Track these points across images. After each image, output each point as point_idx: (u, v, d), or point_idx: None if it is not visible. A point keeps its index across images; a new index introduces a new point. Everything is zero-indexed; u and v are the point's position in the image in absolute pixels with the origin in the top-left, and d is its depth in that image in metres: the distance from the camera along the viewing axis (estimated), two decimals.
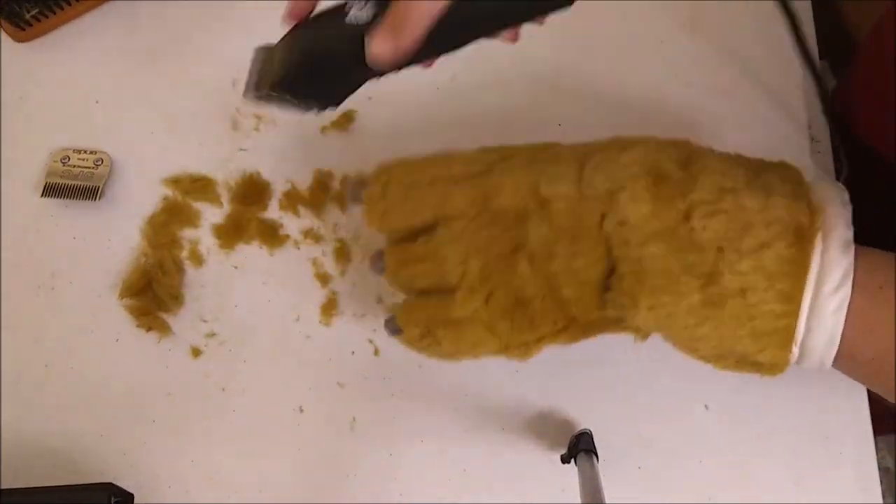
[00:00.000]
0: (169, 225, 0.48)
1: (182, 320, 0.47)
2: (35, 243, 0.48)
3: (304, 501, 0.44)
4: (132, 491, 0.43)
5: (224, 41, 0.52)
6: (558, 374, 0.46)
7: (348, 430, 0.45)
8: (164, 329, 0.47)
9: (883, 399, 0.37)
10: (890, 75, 0.43)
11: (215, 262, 0.48)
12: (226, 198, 0.49)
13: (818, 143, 0.50)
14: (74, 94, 0.51)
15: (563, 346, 0.40)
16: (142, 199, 0.49)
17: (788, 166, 0.37)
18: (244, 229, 0.48)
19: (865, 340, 0.33)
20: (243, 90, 0.36)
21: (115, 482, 0.43)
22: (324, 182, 0.49)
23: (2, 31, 0.51)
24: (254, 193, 0.49)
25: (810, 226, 0.33)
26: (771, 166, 0.37)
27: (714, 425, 0.45)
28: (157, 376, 0.46)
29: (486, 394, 0.46)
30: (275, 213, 0.49)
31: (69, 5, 0.51)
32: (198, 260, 0.48)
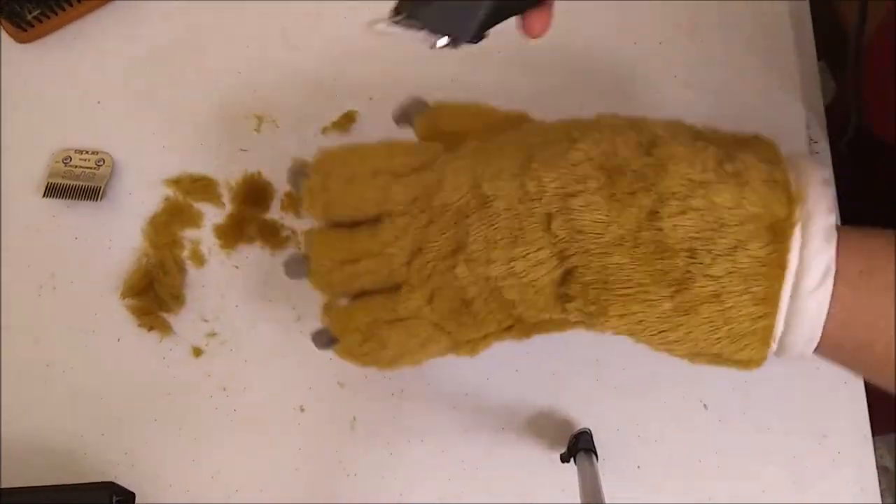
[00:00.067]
0: (170, 225, 0.49)
1: (183, 320, 0.47)
2: (37, 243, 0.49)
3: (304, 501, 0.44)
4: (133, 490, 0.43)
5: (225, 41, 0.52)
6: (558, 373, 0.46)
7: (348, 430, 0.46)
8: (166, 329, 0.47)
9: (881, 399, 0.36)
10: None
11: (216, 262, 0.48)
12: (227, 198, 0.49)
13: (816, 143, 0.50)
14: (76, 95, 0.51)
15: (516, 341, 0.39)
16: (143, 199, 0.49)
17: (762, 140, 0.34)
18: (245, 229, 0.48)
19: (847, 331, 0.31)
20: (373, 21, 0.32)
21: (117, 481, 0.44)
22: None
23: (3, 31, 0.51)
24: (255, 194, 0.49)
25: (788, 218, 0.31)
26: (744, 142, 0.34)
27: (713, 425, 0.45)
28: (159, 376, 0.46)
29: (485, 394, 0.46)
30: (276, 214, 0.49)
31: (71, 6, 0.51)
32: (199, 260, 0.48)
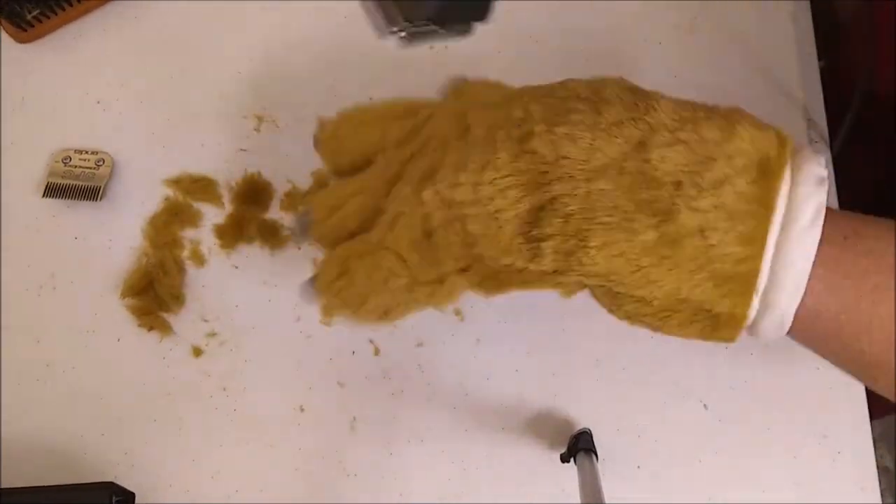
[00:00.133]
0: (170, 225, 0.49)
1: (183, 320, 0.47)
2: (36, 243, 0.49)
3: (304, 501, 0.44)
4: (133, 490, 0.43)
5: (225, 41, 0.52)
6: (558, 373, 0.46)
7: (348, 430, 0.46)
8: (166, 329, 0.47)
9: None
10: None
11: (216, 262, 0.48)
12: (227, 198, 0.49)
13: (816, 143, 0.50)
14: (76, 95, 0.51)
15: (479, 294, 0.37)
16: (143, 199, 0.49)
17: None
18: (245, 229, 0.48)
19: (831, 294, 0.30)
20: (382, 34, 0.32)
21: (117, 481, 0.44)
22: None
23: (3, 31, 0.51)
24: (255, 193, 0.49)
25: (778, 157, 0.30)
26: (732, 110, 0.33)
27: (713, 425, 0.45)
28: (159, 376, 0.46)
29: (486, 394, 0.46)
30: (276, 214, 0.49)
31: (70, 6, 0.51)
32: (199, 260, 0.48)
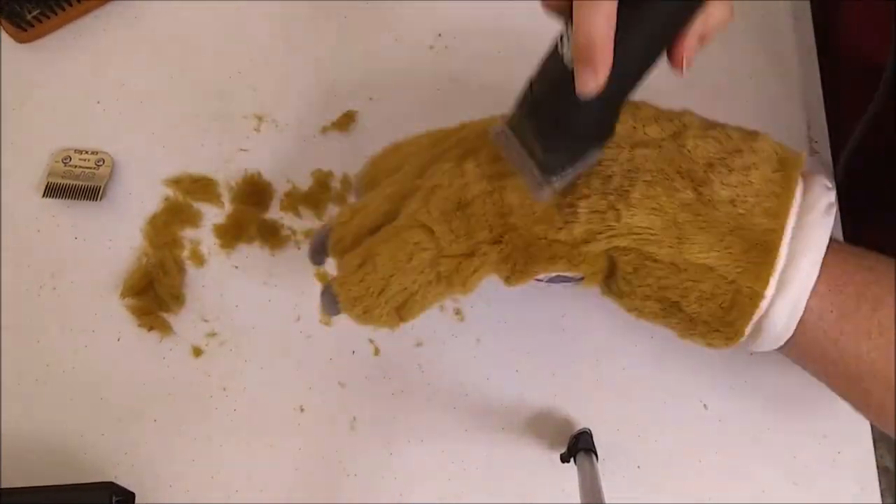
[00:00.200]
0: (170, 225, 0.49)
1: (183, 320, 0.47)
2: (36, 243, 0.49)
3: (304, 501, 0.44)
4: (133, 490, 0.44)
5: (225, 41, 0.52)
6: (558, 373, 0.46)
7: (348, 430, 0.46)
8: (166, 329, 0.47)
9: None
10: None
11: (216, 262, 0.48)
12: (227, 198, 0.49)
13: (817, 143, 0.50)
14: (76, 95, 0.51)
15: (503, 276, 0.37)
16: (143, 199, 0.49)
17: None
18: (245, 229, 0.48)
19: (833, 297, 0.34)
20: (538, 194, 0.34)
21: (117, 481, 0.44)
22: (324, 182, 0.49)
23: (3, 31, 0.51)
24: (254, 194, 0.49)
25: (795, 158, 0.35)
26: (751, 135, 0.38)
27: (713, 425, 0.45)
28: (159, 376, 0.46)
29: (486, 394, 0.46)
30: (275, 214, 0.49)
31: (70, 6, 0.51)
32: (199, 260, 0.48)
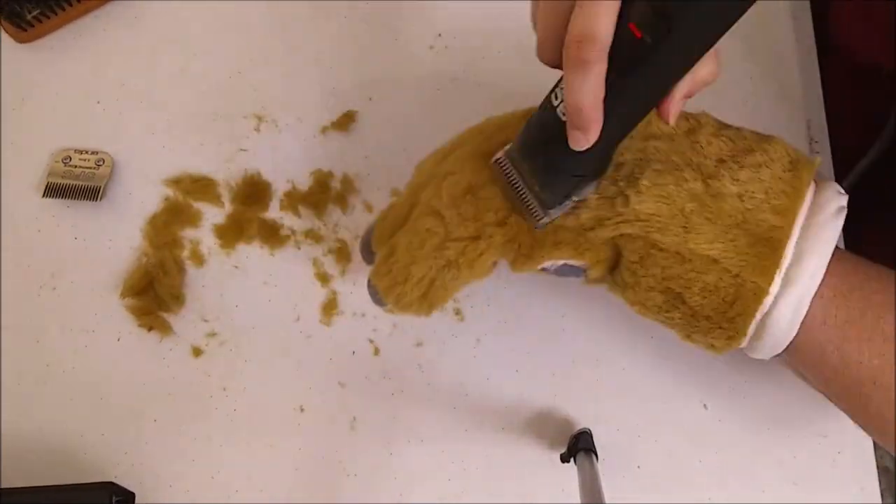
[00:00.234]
0: (170, 225, 0.49)
1: (183, 320, 0.47)
2: (36, 243, 0.49)
3: (304, 501, 0.44)
4: (133, 490, 0.44)
5: (225, 41, 0.52)
6: (558, 373, 0.46)
7: (348, 430, 0.46)
8: (166, 329, 0.47)
9: None
10: None
11: (216, 262, 0.48)
12: (227, 198, 0.49)
13: (817, 143, 0.50)
14: (76, 95, 0.51)
15: (509, 260, 0.38)
16: (143, 199, 0.49)
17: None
18: (245, 229, 0.48)
19: (838, 302, 0.34)
20: (539, 224, 0.35)
21: (117, 481, 0.44)
22: (324, 182, 0.49)
23: (3, 31, 0.51)
24: (254, 193, 0.49)
25: (808, 161, 0.35)
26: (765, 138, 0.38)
27: (713, 425, 0.45)
28: (159, 376, 0.46)
29: (485, 394, 0.46)
30: (275, 213, 0.49)
31: (70, 6, 0.51)
32: (199, 260, 0.48)
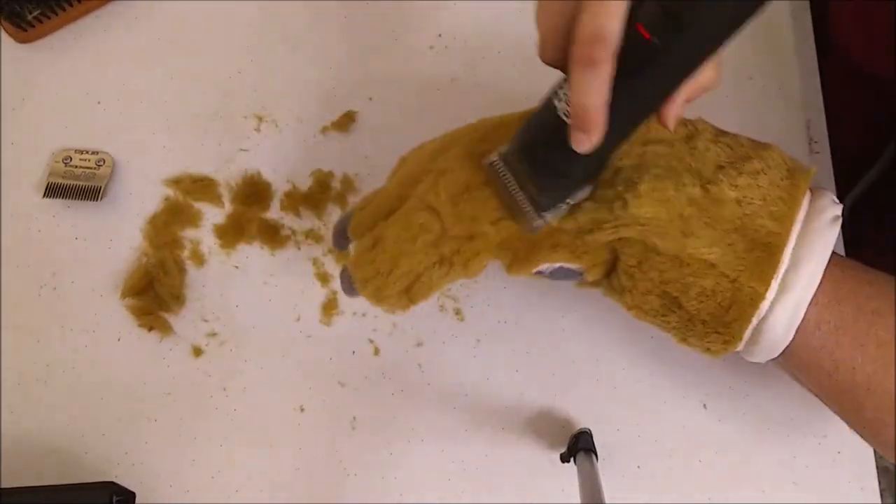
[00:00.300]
0: (170, 225, 0.49)
1: (183, 320, 0.47)
2: (37, 243, 0.49)
3: (304, 501, 0.45)
4: (133, 490, 0.44)
5: (225, 41, 0.52)
6: (558, 373, 0.46)
7: (348, 430, 0.46)
8: (166, 329, 0.47)
9: None
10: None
11: (216, 262, 0.48)
12: (227, 198, 0.49)
13: (816, 143, 0.50)
14: (76, 95, 0.51)
15: (505, 263, 0.38)
16: (143, 199, 0.49)
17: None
18: (245, 229, 0.49)
19: (833, 307, 0.34)
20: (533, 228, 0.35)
21: (117, 481, 0.44)
22: (324, 182, 0.49)
23: (3, 31, 0.51)
24: (255, 194, 0.49)
25: (805, 170, 0.36)
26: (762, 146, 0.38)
27: (713, 425, 0.45)
28: (159, 376, 0.46)
29: (485, 394, 0.46)
30: (276, 214, 0.49)
31: (71, 6, 0.51)
32: (199, 260, 0.48)
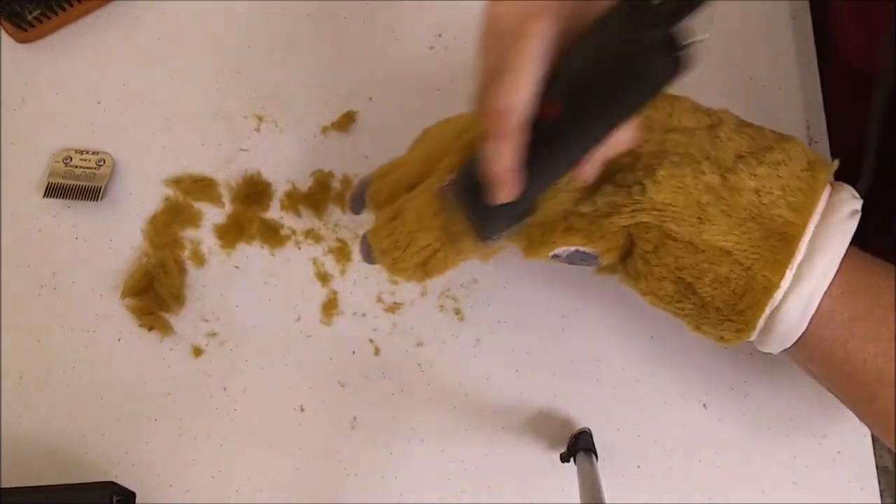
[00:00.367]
0: (170, 225, 0.49)
1: (183, 320, 0.47)
2: (37, 243, 0.49)
3: (304, 501, 0.45)
4: (134, 489, 0.44)
5: (225, 42, 0.52)
6: (558, 373, 0.46)
7: (348, 430, 0.46)
8: (166, 329, 0.47)
9: None
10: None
11: (217, 262, 0.48)
12: (227, 198, 0.49)
13: (816, 143, 0.50)
14: (76, 95, 0.51)
15: (521, 247, 0.38)
16: (143, 199, 0.49)
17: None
18: (245, 229, 0.49)
19: (847, 299, 0.34)
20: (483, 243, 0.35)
21: (117, 481, 0.44)
22: (324, 182, 0.49)
23: (3, 31, 0.52)
24: (255, 194, 0.49)
25: (825, 162, 0.35)
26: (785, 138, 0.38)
27: (713, 425, 0.45)
28: (159, 376, 0.46)
29: (485, 393, 0.46)
30: (276, 213, 0.49)
31: (71, 6, 0.51)
32: (199, 260, 0.48)
